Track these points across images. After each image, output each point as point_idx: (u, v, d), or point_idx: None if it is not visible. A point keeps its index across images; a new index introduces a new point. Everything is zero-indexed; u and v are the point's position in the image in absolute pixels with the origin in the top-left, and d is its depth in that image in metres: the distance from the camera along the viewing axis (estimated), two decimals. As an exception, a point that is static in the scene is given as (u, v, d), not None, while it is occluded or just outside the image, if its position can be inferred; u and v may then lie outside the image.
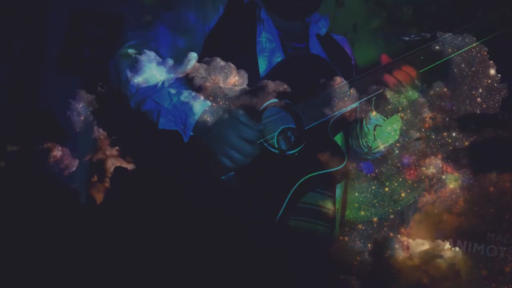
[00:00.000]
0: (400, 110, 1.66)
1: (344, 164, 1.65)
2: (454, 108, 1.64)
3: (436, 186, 1.70)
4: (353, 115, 1.69)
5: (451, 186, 1.70)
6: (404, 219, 1.71)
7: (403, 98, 1.66)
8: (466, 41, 1.59)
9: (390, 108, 1.67)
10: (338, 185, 1.79)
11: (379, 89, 1.65)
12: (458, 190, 1.69)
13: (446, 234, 1.71)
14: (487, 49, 1.60)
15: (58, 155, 1.83)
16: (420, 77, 1.67)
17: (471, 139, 1.67)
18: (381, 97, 1.67)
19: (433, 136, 1.67)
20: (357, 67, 2.01)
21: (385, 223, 1.68)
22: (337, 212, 1.77)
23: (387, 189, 1.68)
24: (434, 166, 1.69)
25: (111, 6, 3.10)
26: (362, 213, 1.70)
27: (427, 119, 1.67)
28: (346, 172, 1.71)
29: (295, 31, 1.90)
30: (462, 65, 1.60)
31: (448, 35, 1.61)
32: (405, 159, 1.68)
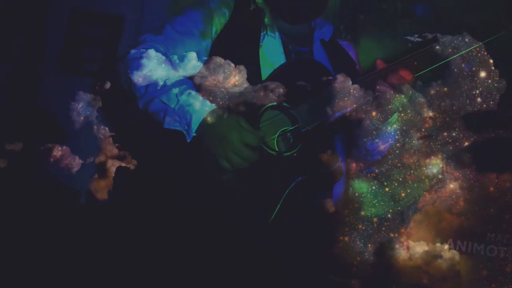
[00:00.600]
0: (400, 110, 1.67)
1: (338, 166, 1.69)
2: (454, 108, 1.64)
3: (436, 186, 1.70)
4: (352, 117, 1.70)
5: (451, 186, 1.70)
6: (404, 219, 1.71)
7: (403, 99, 1.66)
8: (466, 41, 1.59)
9: (390, 109, 1.67)
10: (336, 185, 1.80)
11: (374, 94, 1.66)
12: (458, 190, 1.69)
13: (446, 234, 1.71)
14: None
15: (58, 155, 1.83)
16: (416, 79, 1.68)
17: (471, 139, 1.67)
18: (381, 98, 1.67)
19: (433, 136, 1.67)
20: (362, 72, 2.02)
21: (385, 223, 1.68)
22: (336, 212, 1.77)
23: (387, 189, 1.68)
24: (434, 166, 1.69)
25: (111, 6, 3.10)
26: (362, 213, 1.70)
27: (427, 119, 1.67)
28: (342, 172, 1.74)
29: (300, 36, 1.93)
30: (462, 65, 1.60)
31: (446, 38, 1.62)
32: (405, 159, 1.68)
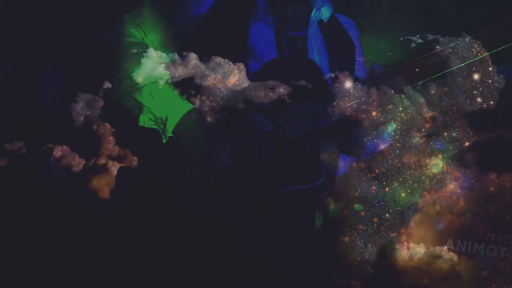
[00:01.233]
0: (400, 110, 1.66)
1: (320, 182, 1.60)
2: (454, 108, 1.64)
3: (437, 186, 1.70)
4: (352, 117, 1.67)
5: (451, 186, 1.70)
6: (404, 219, 1.71)
7: (403, 99, 1.66)
8: (466, 41, 1.59)
9: (390, 109, 1.67)
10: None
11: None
12: (459, 190, 1.69)
13: (446, 234, 1.71)
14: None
15: (58, 155, 1.83)
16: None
17: (471, 139, 1.67)
18: (381, 98, 1.66)
19: (433, 136, 1.67)
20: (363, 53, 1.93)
21: (385, 223, 1.68)
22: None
23: (387, 189, 1.68)
24: (434, 166, 1.68)
25: (111, 6, 3.09)
26: (362, 213, 1.69)
27: (427, 119, 1.67)
28: (325, 188, 1.66)
29: (295, 17, 1.81)
30: (462, 65, 1.60)
31: (445, 39, 1.61)
32: (405, 159, 1.68)
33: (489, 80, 1.60)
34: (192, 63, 1.61)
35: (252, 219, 1.62)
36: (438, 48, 1.62)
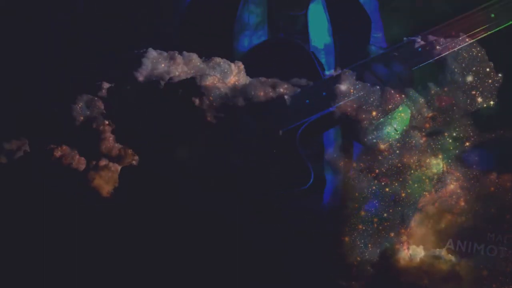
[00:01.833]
0: (400, 110, 1.66)
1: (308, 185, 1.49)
2: (454, 108, 1.64)
3: (437, 186, 1.70)
4: (352, 117, 1.65)
5: (452, 186, 1.70)
6: (405, 220, 1.71)
7: (403, 99, 1.65)
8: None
9: (390, 109, 1.66)
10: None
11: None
12: (459, 190, 1.69)
13: (447, 234, 1.70)
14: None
15: (58, 155, 1.82)
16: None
17: (472, 139, 1.67)
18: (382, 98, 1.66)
19: (433, 136, 1.67)
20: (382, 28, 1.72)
21: (385, 223, 1.68)
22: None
23: (387, 189, 1.68)
24: (434, 166, 1.68)
25: (111, 6, 3.09)
26: (362, 213, 1.69)
27: (427, 119, 1.67)
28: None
29: None
30: (463, 65, 1.60)
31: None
32: (405, 159, 1.68)
33: (489, 80, 1.60)
34: (192, 63, 1.61)
35: (252, 219, 1.62)
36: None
